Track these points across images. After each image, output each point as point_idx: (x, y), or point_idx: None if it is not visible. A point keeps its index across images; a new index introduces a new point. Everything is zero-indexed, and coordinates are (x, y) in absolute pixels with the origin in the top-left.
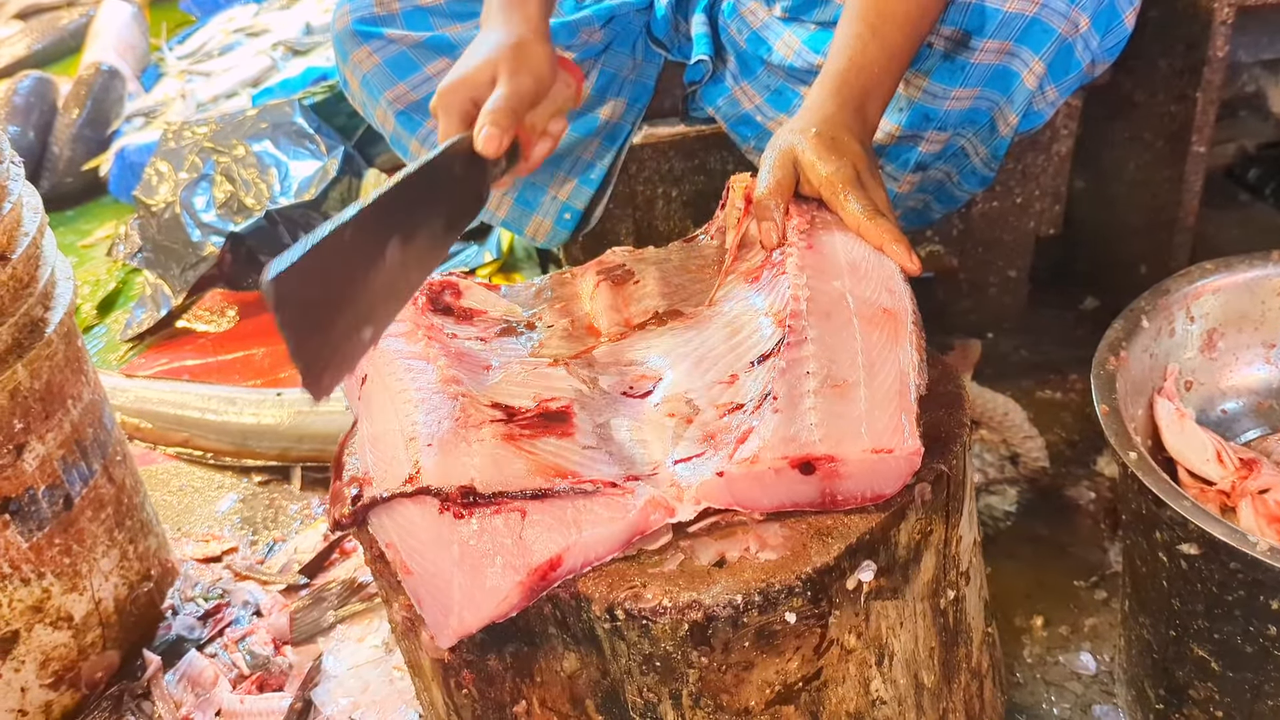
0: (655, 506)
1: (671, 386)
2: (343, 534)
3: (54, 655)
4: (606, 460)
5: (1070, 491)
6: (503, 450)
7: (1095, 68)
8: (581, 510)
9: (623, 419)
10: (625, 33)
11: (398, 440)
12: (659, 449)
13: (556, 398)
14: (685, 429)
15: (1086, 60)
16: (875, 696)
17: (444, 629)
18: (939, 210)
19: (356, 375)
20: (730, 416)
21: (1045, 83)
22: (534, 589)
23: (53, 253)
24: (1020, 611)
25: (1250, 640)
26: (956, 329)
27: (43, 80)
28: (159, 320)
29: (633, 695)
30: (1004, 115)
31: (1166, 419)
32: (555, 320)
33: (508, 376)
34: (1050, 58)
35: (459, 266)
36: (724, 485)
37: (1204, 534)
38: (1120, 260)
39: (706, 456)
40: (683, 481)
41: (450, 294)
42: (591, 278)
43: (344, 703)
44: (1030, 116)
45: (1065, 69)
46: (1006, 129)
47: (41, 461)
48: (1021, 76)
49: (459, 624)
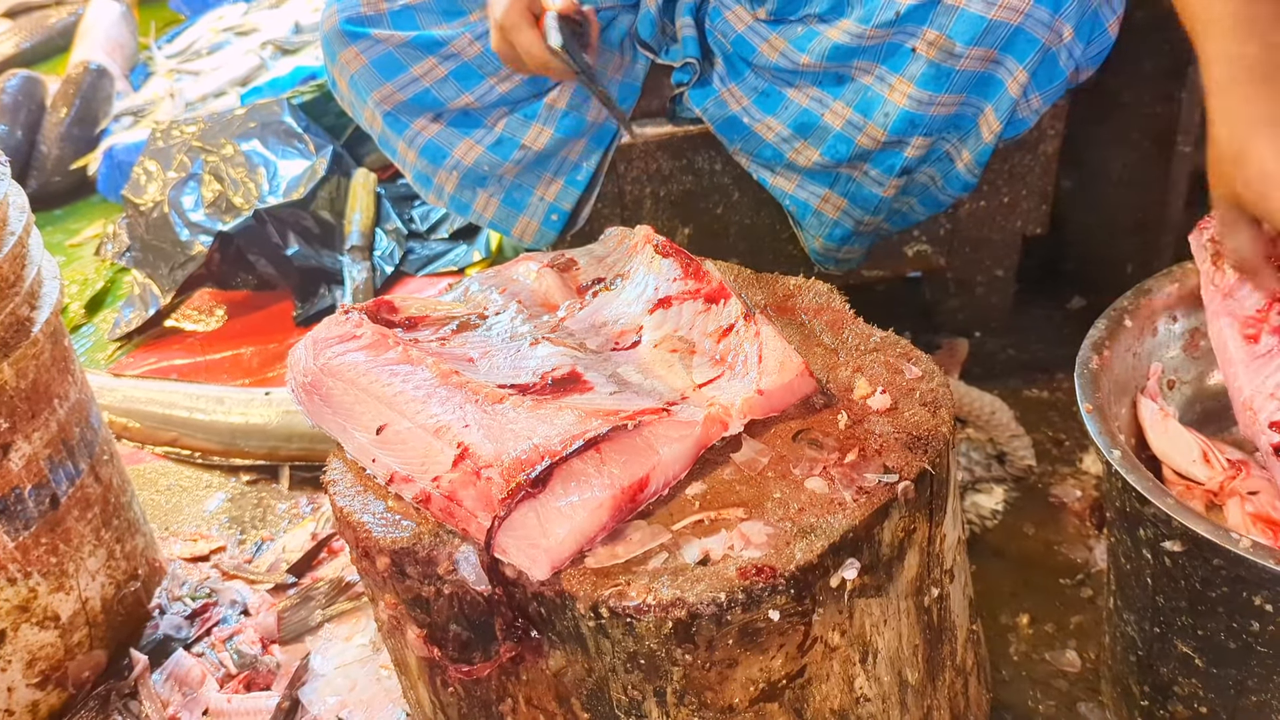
0: (713, 421)
1: (657, 330)
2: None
3: (41, 655)
4: (637, 400)
5: (1056, 490)
6: (542, 412)
7: (1079, 75)
8: (652, 437)
9: (629, 366)
10: (611, 30)
11: (421, 435)
12: (679, 380)
13: (557, 367)
14: (692, 359)
15: (1070, 69)
16: (859, 694)
17: (537, 558)
18: (922, 212)
19: (311, 393)
20: (726, 340)
21: (1029, 90)
22: (622, 508)
23: (39, 252)
24: (1006, 609)
25: (1234, 636)
26: (944, 328)
27: (31, 79)
28: (147, 319)
29: (618, 693)
30: (987, 121)
31: (1150, 419)
32: (506, 305)
33: (496, 362)
34: (1034, 67)
35: (448, 266)
36: (764, 400)
37: (1188, 531)
38: (1107, 260)
39: (727, 377)
40: (721, 399)
41: (386, 310)
42: (531, 265)
43: (331, 701)
44: (1014, 124)
45: (1049, 78)
46: (990, 135)
47: (28, 461)
48: (1005, 84)
49: (554, 548)
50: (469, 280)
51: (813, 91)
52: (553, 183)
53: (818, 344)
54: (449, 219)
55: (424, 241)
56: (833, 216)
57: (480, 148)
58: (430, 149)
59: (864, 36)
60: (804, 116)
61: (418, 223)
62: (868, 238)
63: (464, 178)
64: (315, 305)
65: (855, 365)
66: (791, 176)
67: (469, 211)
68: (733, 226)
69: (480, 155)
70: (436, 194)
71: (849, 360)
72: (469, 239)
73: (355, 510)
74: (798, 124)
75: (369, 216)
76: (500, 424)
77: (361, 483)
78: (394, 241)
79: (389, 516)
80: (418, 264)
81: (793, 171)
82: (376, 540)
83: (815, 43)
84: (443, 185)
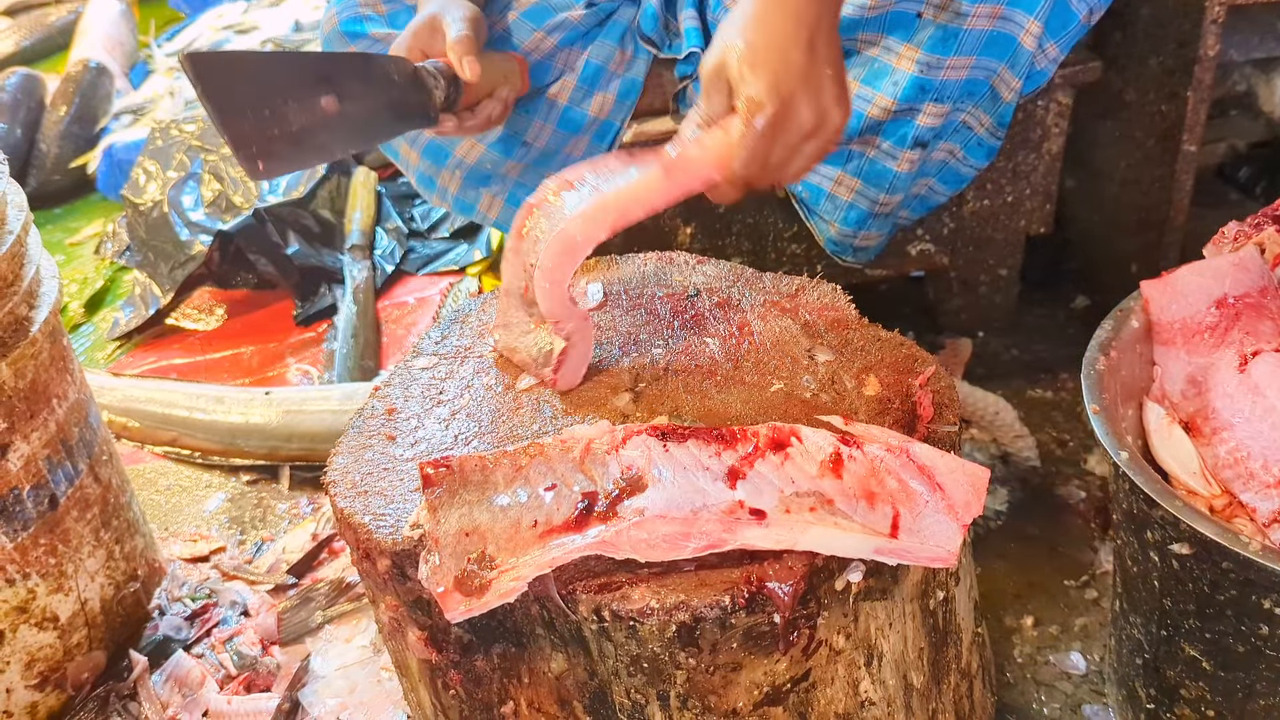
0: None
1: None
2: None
3: (39, 656)
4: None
5: (1061, 491)
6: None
7: (1092, 16)
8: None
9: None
10: (613, 22)
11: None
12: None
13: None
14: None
15: (1083, 11)
16: (864, 697)
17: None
18: (945, 193)
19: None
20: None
21: (1044, 40)
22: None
23: (38, 251)
24: (1010, 611)
25: (1242, 640)
26: (947, 328)
27: (30, 77)
28: (147, 319)
29: (620, 696)
30: (1005, 81)
31: (1155, 424)
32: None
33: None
34: (1045, 15)
35: (448, 265)
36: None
37: (1196, 534)
38: (1111, 259)
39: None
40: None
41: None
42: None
43: (331, 703)
44: (1034, 77)
45: (1063, 24)
46: (1010, 94)
47: (26, 461)
48: (1019, 39)
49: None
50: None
51: None
52: None
53: (822, 344)
54: (450, 218)
55: (425, 240)
56: (847, 199)
57: (482, 146)
58: (433, 148)
59: (866, 7)
60: None
61: (418, 221)
62: (886, 221)
63: (467, 177)
64: (315, 304)
65: (862, 366)
66: None
67: (473, 212)
68: (736, 225)
69: (483, 153)
70: (440, 195)
71: (855, 360)
72: (470, 238)
73: (356, 512)
74: None
75: (369, 215)
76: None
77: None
78: (394, 240)
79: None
80: (418, 263)
81: None
82: (378, 542)
83: None
84: (446, 186)
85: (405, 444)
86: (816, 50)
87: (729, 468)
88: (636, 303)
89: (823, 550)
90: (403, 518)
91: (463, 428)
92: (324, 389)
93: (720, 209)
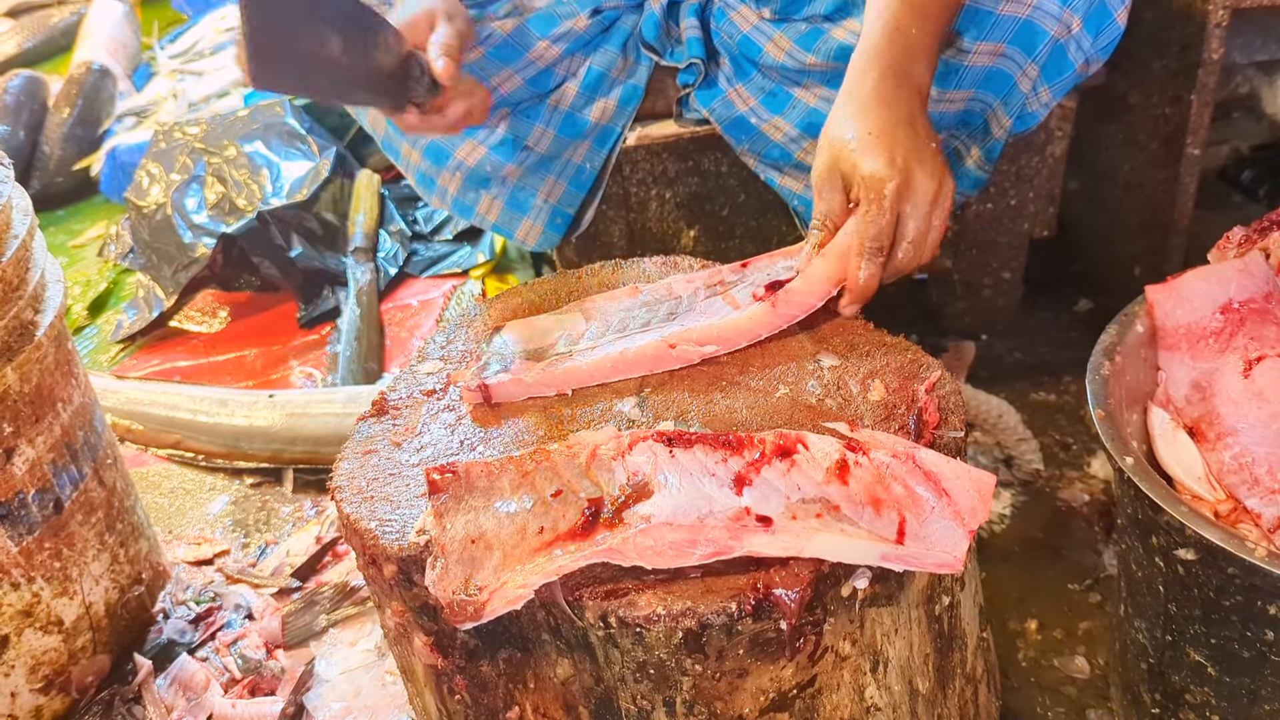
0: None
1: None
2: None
3: (44, 660)
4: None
5: (1064, 494)
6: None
7: (1089, 67)
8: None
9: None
10: (616, 29)
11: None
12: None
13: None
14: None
15: (1080, 61)
16: (870, 703)
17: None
18: None
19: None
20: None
21: (1039, 84)
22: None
23: (42, 255)
24: (1014, 615)
25: (1247, 645)
26: (950, 331)
27: (33, 79)
28: (150, 321)
29: (626, 702)
30: (997, 117)
31: (1160, 429)
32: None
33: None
34: (1043, 60)
35: (452, 268)
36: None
37: (1201, 539)
38: (1114, 262)
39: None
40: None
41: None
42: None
43: (336, 707)
44: (1024, 118)
45: (1059, 70)
46: (1000, 131)
47: (31, 465)
48: (1015, 78)
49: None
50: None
51: (820, 91)
52: (556, 185)
53: (828, 349)
54: (453, 220)
55: (428, 243)
56: None
57: (483, 148)
58: (433, 150)
59: None
60: (812, 116)
61: (422, 224)
62: None
63: (467, 179)
64: (319, 307)
65: (867, 371)
66: (800, 176)
67: (472, 214)
68: (739, 228)
69: (483, 156)
70: (440, 196)
71: (860, 366)
72: (473, 241)
73: (362, 517)
74: (805, 123)
75: (373, 218)
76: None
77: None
78: (398, 243)
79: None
80: (421, 265)
81: (801, 171)
82: (384, 548)
83: (821, 42)
84: (446, 187)
85: (411, 449)
86: (918, 129)
87: (735, 474)
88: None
89: (829, 557)
90: (409, 523)
91: (468, 433)
92: (328, 392)
93: (724, 212)
